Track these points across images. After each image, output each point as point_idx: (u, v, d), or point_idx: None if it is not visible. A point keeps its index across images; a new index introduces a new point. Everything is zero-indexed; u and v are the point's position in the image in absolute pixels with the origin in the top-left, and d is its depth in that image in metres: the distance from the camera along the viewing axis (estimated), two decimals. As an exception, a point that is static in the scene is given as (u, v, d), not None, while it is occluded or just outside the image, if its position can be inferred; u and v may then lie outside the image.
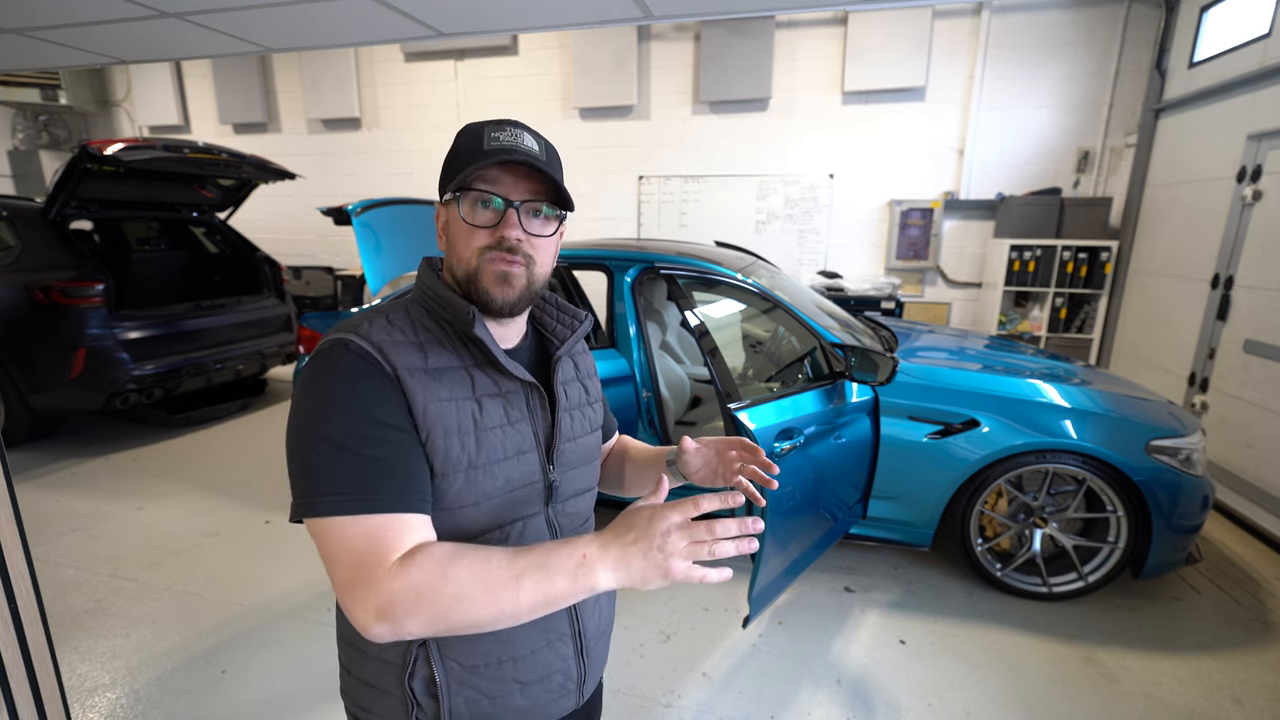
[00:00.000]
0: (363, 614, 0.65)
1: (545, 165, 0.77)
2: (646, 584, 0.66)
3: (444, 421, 0.75)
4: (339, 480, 0.68)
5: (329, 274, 6.60)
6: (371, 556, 0.66)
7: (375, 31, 2.23)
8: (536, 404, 0.84)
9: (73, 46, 2.33)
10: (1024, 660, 2.20)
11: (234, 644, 2.26)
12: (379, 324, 0.77)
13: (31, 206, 4.01)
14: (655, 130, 5.73)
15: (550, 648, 0.86)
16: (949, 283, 5.38)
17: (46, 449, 4.09)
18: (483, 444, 0.78)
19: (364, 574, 0.66)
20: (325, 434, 0.70)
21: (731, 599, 2.54)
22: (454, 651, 0.80)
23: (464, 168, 0.76)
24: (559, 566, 0.66)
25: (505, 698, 0.83)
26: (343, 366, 0.72)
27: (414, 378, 0.74)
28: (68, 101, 6.94)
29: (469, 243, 0.78)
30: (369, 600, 0.65)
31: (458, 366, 0.79)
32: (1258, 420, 3.26)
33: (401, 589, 0.64)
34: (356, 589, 0.66)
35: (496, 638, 0.81)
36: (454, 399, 0.76)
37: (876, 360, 2.24)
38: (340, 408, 0.70)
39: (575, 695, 0.90)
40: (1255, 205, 3.40)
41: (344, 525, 0.68)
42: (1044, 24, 4.80)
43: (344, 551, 0.68)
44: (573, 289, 3.04)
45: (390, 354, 0.74)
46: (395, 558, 0.67)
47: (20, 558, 1.28)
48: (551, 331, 0.94)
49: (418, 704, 0.80)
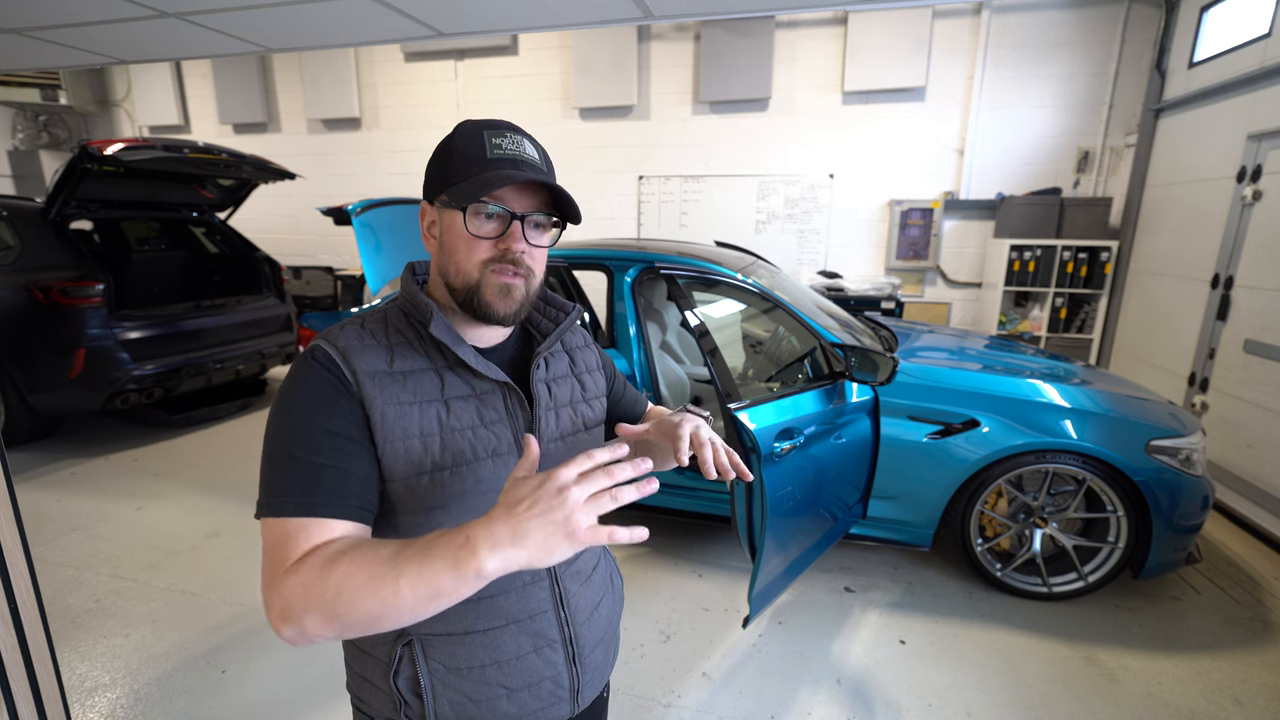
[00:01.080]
0: (270, 615, 0.64)
1: (548, 177, 0.78)
2: (550, 555, 0.58)
3: (404, 424, 0.75)
4: (280, 484, 0.70)
5: (329, 274, 6.60)
6: (278, 557, 0.66)
7: (375, 31, 2.23)
8: (515, 404, 0.83)
9: (73, 46, 2.33)
10: (1024, 660, 2.20)
11: (234, 644, 2.26)
12: (351, 330, 0.78)
13: (31, 206, 4.01)
14: (655, 130, 5.73)
15: (538, 653, 0.84)
16: (949, 283, 5.38)
17: (46, 449, 4.09)
18: (448, 446, 0.77)
19: (268, 573, 0.66)
20: (277, 441, 0.72)
21: (731, 599, 2.54)
22: (437, 653, 0.80)
23: (465, 174, 0.75)
24: (438, 552, 0.59)
25: (490, 702, 0.82)
26: (303, 375, 0.74)
27: (374, 381, 0.74)
28: (68, 101, 6.94)
29: (471, 254, 0.77)
30: (272, 602, 0.64)
31: (427, 369, 0.79)
32: (1258, 420, 3.26)
33: (291, 587, 0.63)
34: (265, 592, 0.65)
35: (480, 641, 0.81)
36: (417, 401, 0.76)
37: (876, 360, 2.23)
38: (293, 416, 0.72)
39: (569, 704, 0.89)
40: (1255, 205, 3.40)
41: (270, 526, 0.68)
42: (1044, 24, 4.80)
43: (266, 549, 0.68)
44: (573, 289, 3.04)
45: (352, 358, 0.75)
46: (292, 562, 0.65)
47: (20, 558, 1.28)
48: (537, 327, 0.93)
49: (405, 702, 0.81)
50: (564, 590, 0.87)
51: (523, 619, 0.83)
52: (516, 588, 0.82)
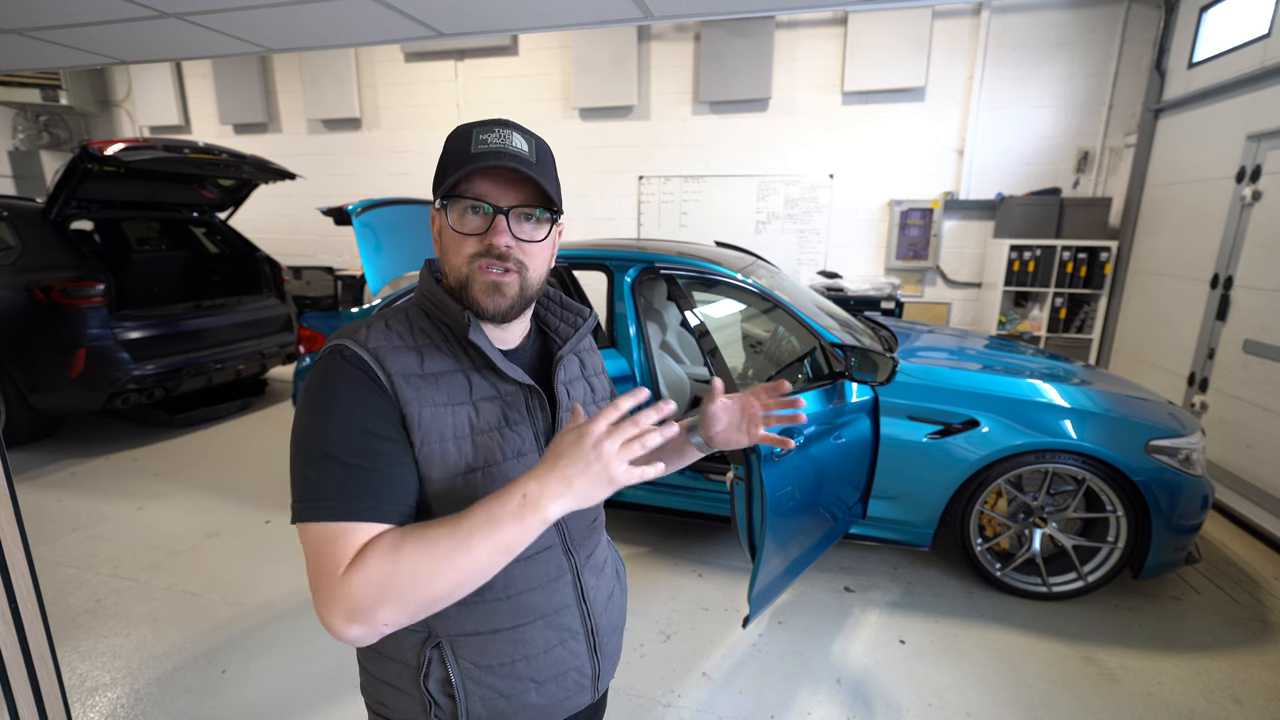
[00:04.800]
0: (333, 621, 0.65)
1: (532, 169, 0.75)
2: (592, 498, 0.67)
3: (439, 427, 0.75)
4: (320, 487, 0.70)
5: (329, 274, 6.60)
6: (330, 562, 0.67)
7: (375, 31, 2.24)
8: (536, 405, 0.84)
9: (73, 46, 2.33)
10: (1024, 660, 2.20)
11: (234, 644, 2.26)
12: (377, 329, 0.78)
13: (32, 206, 4.01)
14: (655, 130, 5.73)
15: (564, 645, 0.87)
16: (949, 283, 5.38)
17: (46, 449, 4.10)
18: (480, 447, 0.78)
19: (323, 579, 0.67)
20: (315, 442, 0.71)
21: (731, 599, 2.55)
22: (468, 652, 0.81)
23: (450, 171, 0.75)
24: (502, 514, 0.66)
25: (521, 695, 0.84)
26: (335, 375, 0.73)
27: (408, 383, 0.75)
28: (68, 102, 6.95)
29: (459, 250, 0.78)
30: (334, 607, 0.65)
31: (455, 370, 0.79)
32: (1257, 420, 3.27)
33: (357, 588, 0.65)
34: (319, 594, 0.67)
35: (509, 638, 0.82)
36: (450, 404, 0.77)
37: (876, 360, 2.24)
38: (329, 417, 0.72)
39: (590, 691, 0.91)
40: (1255, 205, 3.40)
41: (315, 531, 0.69)
42: (1044, 24, 4.80)
43: (313, 555, 0.69)
44: (573, 289, 3.04)
45: (385, 360, 0.74)
46: (348, 564, 0.67)
47: (21, 557, 1.28)
48: (555, 330, 0.93)
49: (435, 703, 0.81)
50: (584, 584, 0.89)
51: (549, 614, 0.85)
52: (542, 584, 0.84)
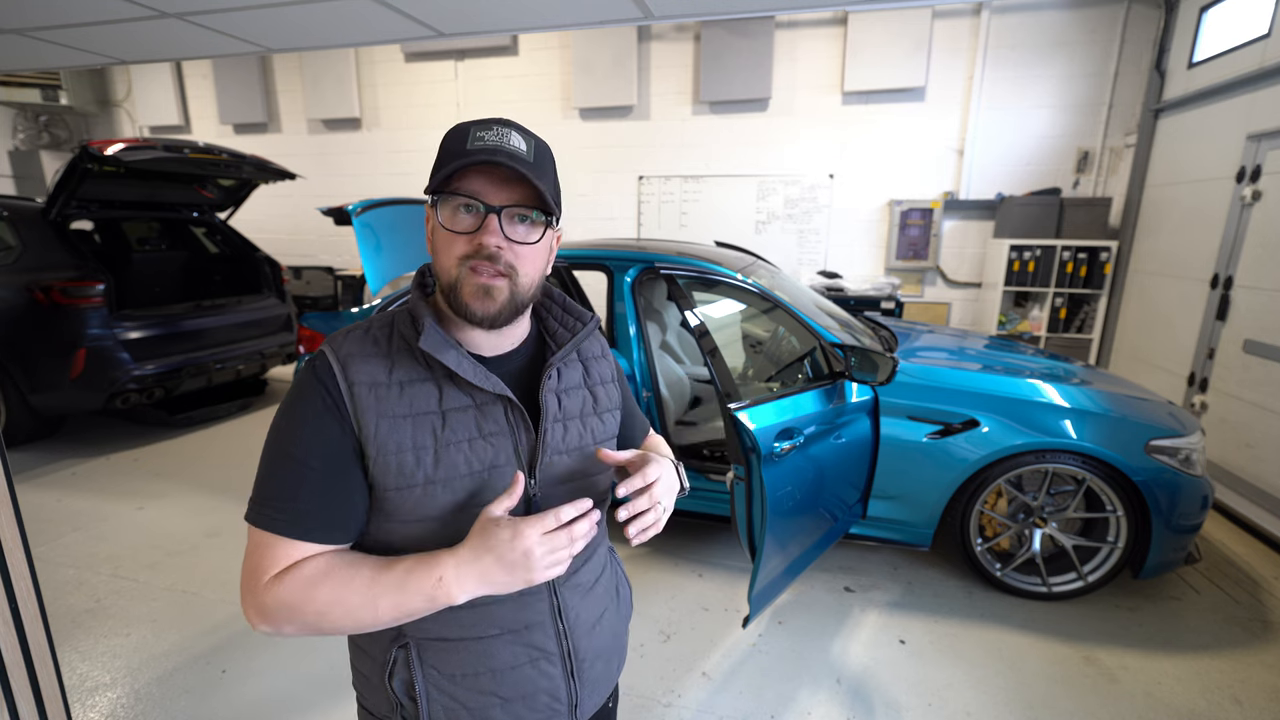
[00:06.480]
0: (247, 613, 0.72)
1: (529, 168, 0.72)
2: (509, 588, 0.71)
3: (397, 437, 0.74)
4: (264, 491, 0.74)
5: (329, 274, 6.60)
6: (259, 566, 0.72)
7: (375, 31, 2.24)
8: (516, 417, 0.80)
9: (73, 46, 2.33)
10: (1024, 660, 2.20)
11: (234, 644, 2.26)
12: (356, 335, 0.79)
13: (32, 207, 4.01)
14: (655, 130, 5.73)
15: (533, 665, 0.83)
16: (949, 283, 5.38)
17: (46, 449, 4.10)
18: (442, 459, 0.75)
19: (249, 579, 0.72)
20: (273, 449, 0.75)
21: (731, 599, 2.55)
22: (432, 657, 0.80)
23: (445, 167, 0.73)
24: (416, 588, 0.70)
25: (484, 710, 0.81)
26: (303, 383, 0.76)
27: (371, 392, 0.74)
28: (68, 102, 6.95)
29: (449, 250, 0.74)
30: (250, 605, 0.72)
31: (426, 379, 0.77)
32: (1257, 420, 3.27)
33: (271, 602, 0.71)
34: (243, 587, 0.73)
35: (474, 649, 0.80)
36: (413, 414, 0.75)
37: (876, 360, 2.24)
38: (286, 425, 0.75)
39: (566, 717, 0.87)
40: (1254, 205, 3.40)
41: (254, 534, 0.74)
42: (1044, 24, 4.80)
43: (248, 553, 0.74)
44: (573, 289, 3.04)
45: (351, 368, 0.75)
46: (272, 575, 0.72)
47: (21, 558, 1.28)
48: (553, 335, 0.89)
49: (400, 704, 0.81)
50: (562, 602, 0.85)
51: (518, 629, 0.82)
52: (512, 597, 0.80)
